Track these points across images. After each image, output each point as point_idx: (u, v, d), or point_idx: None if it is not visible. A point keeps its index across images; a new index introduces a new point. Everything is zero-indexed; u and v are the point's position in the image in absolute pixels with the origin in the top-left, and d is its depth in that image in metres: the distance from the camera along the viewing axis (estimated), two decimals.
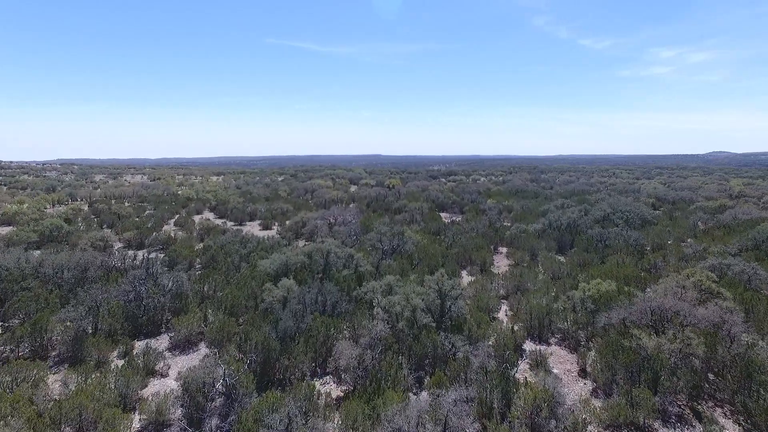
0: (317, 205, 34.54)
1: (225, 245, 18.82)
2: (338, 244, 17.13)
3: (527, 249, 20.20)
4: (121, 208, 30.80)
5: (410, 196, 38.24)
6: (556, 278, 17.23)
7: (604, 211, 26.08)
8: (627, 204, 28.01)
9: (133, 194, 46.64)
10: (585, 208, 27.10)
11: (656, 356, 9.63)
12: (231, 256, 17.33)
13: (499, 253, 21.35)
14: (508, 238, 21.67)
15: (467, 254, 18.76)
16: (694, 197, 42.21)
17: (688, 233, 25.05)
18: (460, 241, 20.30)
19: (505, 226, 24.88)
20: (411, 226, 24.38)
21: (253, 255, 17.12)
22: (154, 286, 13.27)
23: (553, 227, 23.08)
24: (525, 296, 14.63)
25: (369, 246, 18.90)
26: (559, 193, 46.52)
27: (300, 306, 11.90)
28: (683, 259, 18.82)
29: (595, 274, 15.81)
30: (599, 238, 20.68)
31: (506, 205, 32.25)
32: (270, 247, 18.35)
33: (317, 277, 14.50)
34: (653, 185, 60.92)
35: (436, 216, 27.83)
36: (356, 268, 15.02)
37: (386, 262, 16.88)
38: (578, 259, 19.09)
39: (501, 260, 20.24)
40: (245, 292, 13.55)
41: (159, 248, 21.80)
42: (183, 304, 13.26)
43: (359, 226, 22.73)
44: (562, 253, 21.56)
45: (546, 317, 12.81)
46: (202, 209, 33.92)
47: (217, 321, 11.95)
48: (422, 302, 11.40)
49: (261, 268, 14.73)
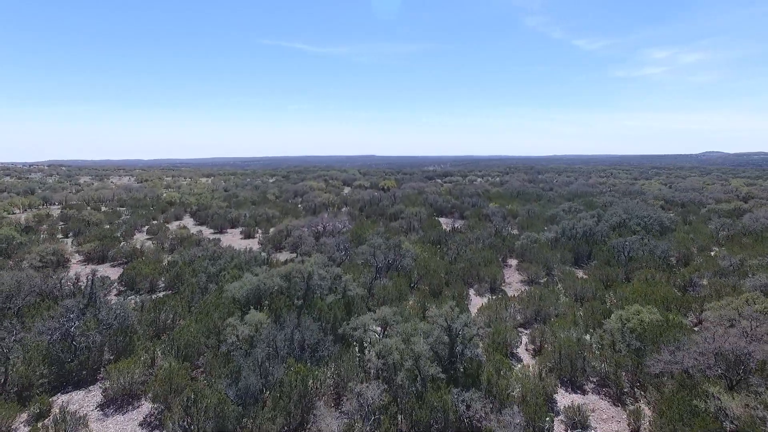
0: (306, 210, 31.79)
1: (193, 261, 16.06)
2: (324, 261, 14.43)
3: (541, 262, 17.60)
4: (92, 214, 27.88)
5: (406, 199, 35.57)
6: (580, 299, 14.64)
7: (620, 216, 23.55)
8: (643, 208, 25.52)
9: (113, 197, 43.63)
10: (598, 213, 24.56)
11: (749, 425, 7.04)
12: (198, 275, 14.57)
13: (508, 266, 18.74)
14: (518, 249, 19.05)
15: (474, 270, 16.12)
16: (703, 199, 39.90)
17: (711, 241, 22.61)
18: (465, 253, 17.67)
19: (513, 234, 22.26)
20: (408, 235, 21.72)
21: (224, 274, 14.37)
22: (93, 318, 10.50)
23: (567, 236, 20.51)
24: (548, 326, 12.03)
25: (361, 261, 16.21)
26: (562, 195, 44.06)
27: (270, 349, 9.19)
28: (719, 273, 16.31)
29: (628, 297, 13.22)
30: (621, 249, 18.12)
31: (510, 209, 29.67)
32: (245, 262, 15.60)
33: (296, 306, 11.79)
34: (655, 186, 58.71)
35: (436, 222, 25.19)
36: (344, 292, 12.34)
37: (381, 282, 14.20)
38: (600, 274, 16.51)
39: (512, 275, 17.62)
40: (206, 326, 10.81)
41: (122, 262, 19.00)
42: (128, 342, 10.50)
43: (350, 236, 20.02)
44: (579, 265, 18.99)
45: (578, 356, 10.20)
46: (182, 215, 31.05)
47: (163, 369, 9.20)
48: (426, 346, 8.73)
49: (229, 293, 11.99)
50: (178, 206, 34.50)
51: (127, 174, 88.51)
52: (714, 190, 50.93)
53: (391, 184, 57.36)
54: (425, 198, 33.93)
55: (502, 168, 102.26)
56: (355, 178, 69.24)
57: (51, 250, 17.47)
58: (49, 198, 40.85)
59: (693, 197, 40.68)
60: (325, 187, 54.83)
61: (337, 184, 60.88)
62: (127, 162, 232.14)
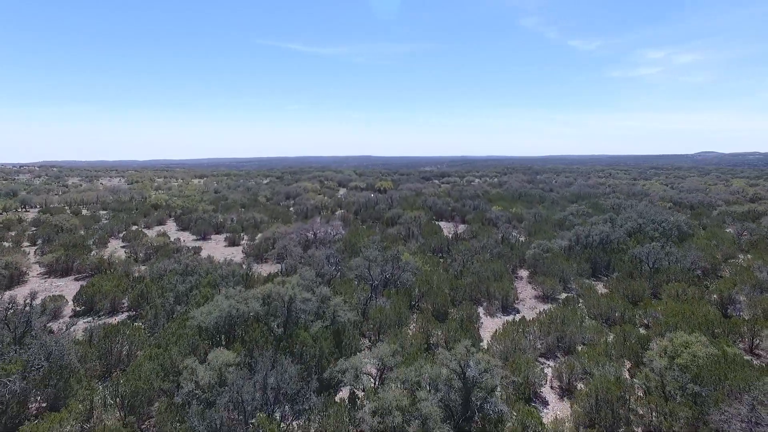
0: (298, 214, 29.65)
1: (163, 276, 13.92)
2: (311, 277, 12.35)
3: (556, 274, 15.58)
4: (66, 219, 25.61)
5: (404, 202, 33.50)
6: (605, 320, 12.64)
7: (635, 221, 21.58)
8: (659, 212, 23.56)
9: (97, 200, 41.31)
10: (610, 217, 22.58)
11: None
12: (166, 294, 12.44)
13: (519, 278, 16.71)
14: (530, 259, 17.02)
15: (483, 285, 14.07)
16: (711, 200, 38.06)
17: (734, 247, 20.68)
18: (471, 265, 15.60)
19: (522, 242, 20.21)
20: (407, 242, 19.65)
21: (195, 293, 12.25)
22: (17, 358, 8.37)
23: (582, 244, 18.50)
24: (576, 357, 10.02)
25: (355, 274, 14.13)
26: (564, 196, 42.13)
27: (237, 401, 7.11)
28: (759, 286, 14.35)
29: (664, 320, 11.22)
30: (644, 259, 16.15)
31: (514, 212, 27.65)
32: (222, 278, 13.47)
33: (275, 336, 9.69)
34: (657, 187, 56.94)
35: (436, 228, 23.11)
36: (333, 318, 10.25)
37: (377, 302, 12.12)
38: (624, 288, 14.50)
39: (524, 289, 15.59)
40: (162, 364, 8.70)
41: (89, 274, 16.82)
42: (63, 387, 8.38)
43: (343, 244, 17.92)
44: (597, 277, 17.00)
45: (619, 401, 8.19)
46: (165, 219, 28.83)
47: (99, 429, 7.10)
48: (435, 400, 6.67)
49: (195, 320, 9.87)
50: (164, 209, 32.29)
51: (119, 175, 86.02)
52: (718, 191, 49.19)
53: (388, 185, 55.31)
54: (424, 201, 31.87)
55: (499, 168, 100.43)
56: (351, 179, 67.13)
57: (2, 263, 15.27)
58: (29, 201, 38.44)
59: (701, 199, 38.84)
60: (319, 189, 52.69)
61: (332, 185, 58.76)
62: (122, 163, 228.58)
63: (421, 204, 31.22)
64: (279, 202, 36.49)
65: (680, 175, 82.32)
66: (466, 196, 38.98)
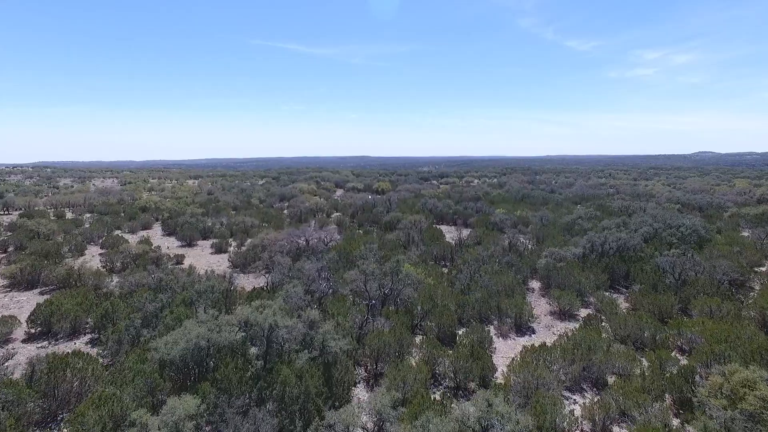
0: (292, 217, 27.97)
1: (133, 293, 12.24)
2: (298, 297, 10.70)
3: (572, 287, 13.99)
4: (44, 223, 23.85)
5: (403, 204, 31.88)
6: (634, 341, 11.04)
7: (650, 226, 20.02)
8: (673, 216, 22.01)
9: (84, 202, 39.51)
10: (623, 221, 21.00)
11: None
12: (132, 315, 10.76)
13: (531, 290, 15.10)
14: (542, 269, 15.40)
15: (494, 300, 12.46)
16: (720, 202, 36.60)
17: (758, 254, 19.14)
18: (479, 277, 13.96)
19: (531, 249, 18.58)
20: (408, 250, 18.00)
21: (166, 315, 10.57)
22: None
23: (596, 251, 16.90)
24: (609, 393, 8.41)
25: (350, 290, 12.50)
26: (568, 198, 40.60)
27: None
28: None
29: (704, 346, 9.62)
30: (669, 269, 14.57)
31: (519, 215, 26.06)
32: (200, 294, 11.79)
33: (254, 371, 8.04)
34: (660, 187, 55.54)
35: (438, 233, 21.46)
36: (323, 348, 8.60)
37: (374, 323, 10.48)
38: (648, 303, 12.90)
39: (537, 303, 13.98)
40: (111, 411, 7.05)
41: (57, 287, 15.13)
42: None
43: (338, 252, 16.26)
44: (616, 288, 15.41)
45: None
46: (151, 223, 27.11)
47: None
48: None
49: (158, 352, 8.20)
50: (153, 212, 30.56)
51: (113, 176, 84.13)
52: (724, 192, 47.80)
53: (386, 186, 53.71)
54: (424, 203, 30.23)
55: (498, 169, 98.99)
56: (348, 179, 65.50)
57: None
58: (11, 203, 36.60)
59: (709, 200, 37.36)
60: (316, 190, 51.05)
61: (329, 187, 57.13)
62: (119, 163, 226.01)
63: (421, 207, 29.58)
64: (273, 204, 34.79)
65: (681, 176, 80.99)
66: (467, 198, 37.40)
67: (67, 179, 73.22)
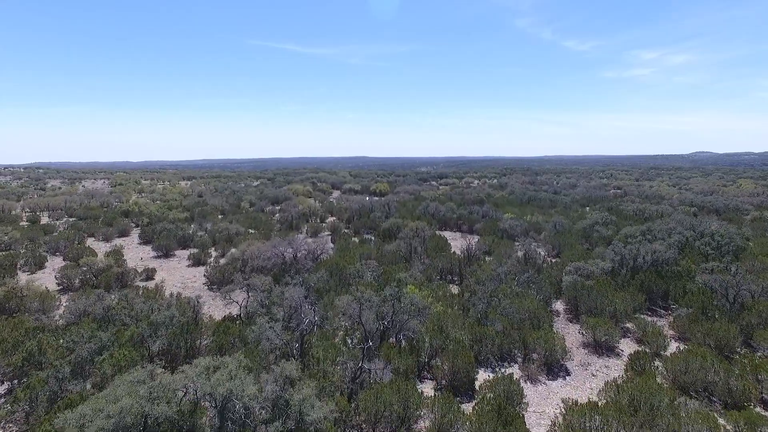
0: (282, 223, 25.51)
1: (67, 329, 9.78)
2: (275, 337, 8.28)
3: (606, 311, 11.62)
4: (5, 231, 21.33)
5: (402, 208, 29.46)
6: (698, 390, 8.68)
7: (681, 234, 17.68)
8: (704, 222, 19.66)
9: (65, 205, 36.91)
10: (648, 228, 18.63)
11: None
12: (59, 361, 8.32)
13: (555, 314, 12.70)
14: (569, 289, 13.01)
15: (517, 332, 10.08)
16: (738, 204, 34.33)
17: None
18: (497, 303, 11.53)
19: (552, 263, 16.14)
20: (410, 264, 15.56)
21: (104, 360, 8.14)
22: None
23: (626, 265, 14.53)
24: None
25: (342, 321, 10.09)
26: (576, 200, 38.25)
27: None
28: None
29: None
30: (717, 289, 12.21)
31: (529, 220, 23.69)
32: (154, 329, 9.34)
33: None
34: (665, 188, 53.30)
35: (443, 243, 19.02)
36: (300, 419, 6.20)
37: (371, 368, 8.07)
38: (701, 333, 10.53)
39: (564, 330, 11.59)
40: None
41: None
42: None
43: (329, 268, 13.81)
44: (654, 311, 13.06)
45: None
46: (129, 230, 24.60)
47: None
48: None
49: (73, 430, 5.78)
50: (136, 216, 28.03)
51: (106, 177, 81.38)
52: (736, 193, 45.60)
53: (384, 187, 51.28)
54: (425, 207, 27.80)
55: (497, 169, 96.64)
56: (345, 180, 63.02)
57: None
58: None
59: (726, 202, 35.08)
60: (311, 192, 48.59)
61: (325, 188, 54.64)
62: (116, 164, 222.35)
63: (422, 211, 27.15)
64: (263, 208, 32.29)
65: (683, 176, 78.73)
66: (470, 201, 35.01)
67: (56, 181, 70.52)
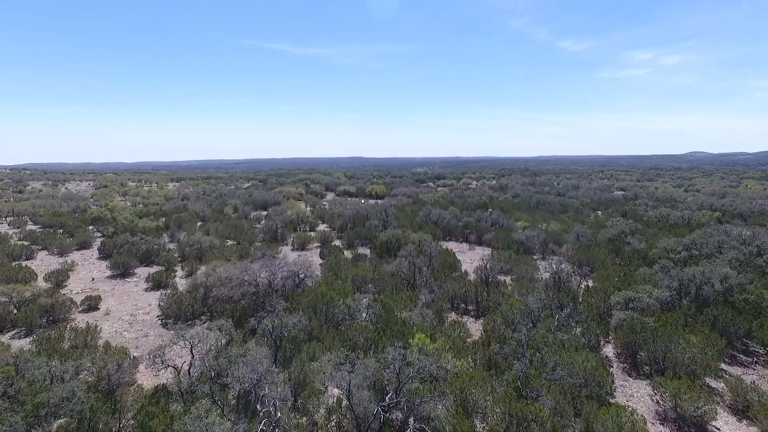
0: (266, 232, 22.20)
1: None
2: None
3: (680, 361, 8.52)
4: None
5: (401, 214, 26.24)
6: None
7: (739, 250, 14.61)
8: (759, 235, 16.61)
9: (33, 210, 33.34)
10: (693, 241, 15.55)
11: None
12: None
13: (608, 363, 9.57)
14: (625, 331, 9.85)
15: (572, 408, 6.93)
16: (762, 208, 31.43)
17: None
18: (541, 359, 8.33)
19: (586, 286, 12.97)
20: (414, 294, 12.32)
21: None
22: None
23: (687, 294, 11.41)
24: None
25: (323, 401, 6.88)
26: (585, 203, 35.23)
27: None
28: None
29: None
30: None
31: (548, 230, 20.56)
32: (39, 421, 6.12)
33: None
34: (673, 190, 50.53)
35: (450, 259, 15.75)
36: None
37: None
38: None
39: (627, 392, 8.48)
40: None
41: None
42: None
43: (312, 306, 10.57)
44: (734, 357, 9.97)
45: None
46: (90, 241, 21.18)
47: None
48: None
49: None
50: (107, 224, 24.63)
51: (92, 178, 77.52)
52: (751, 195, 42.83)
53: (380, 189, 48.03)
54: (427, 213, 24.59)
55: (495, 170, 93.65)
56: (340, 182, 59.65)
57: None
58: None
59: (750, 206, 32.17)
60: (303, 194, 45.30)
61: (318, 190, 51.26)
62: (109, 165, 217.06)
63: (424, 218, 23.93)
64: (248, 214, 28.94)
65: (685, 176, 76.09)
66: (473, 204, 31.88)
67: (38, 182, 66.70)
